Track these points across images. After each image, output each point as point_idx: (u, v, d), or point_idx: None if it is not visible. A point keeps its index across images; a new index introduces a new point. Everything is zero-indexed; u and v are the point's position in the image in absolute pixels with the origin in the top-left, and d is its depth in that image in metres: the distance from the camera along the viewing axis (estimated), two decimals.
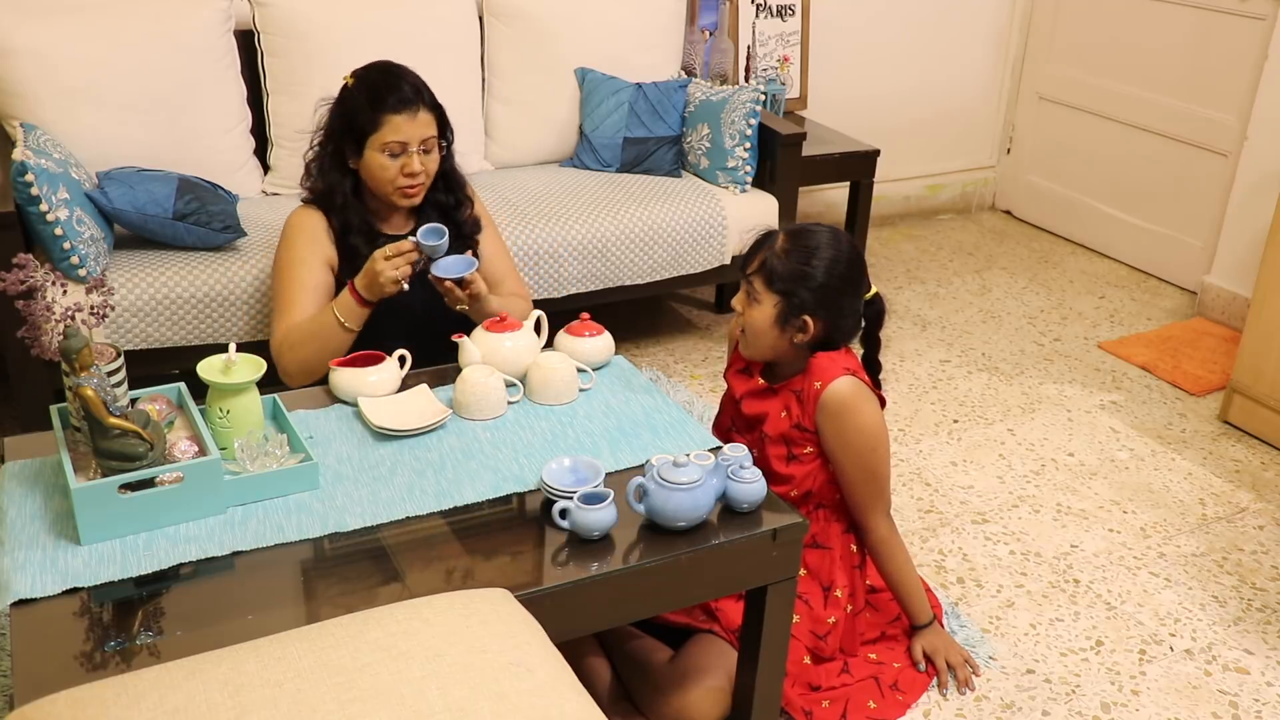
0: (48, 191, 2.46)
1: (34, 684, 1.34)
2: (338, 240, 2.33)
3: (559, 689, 1.25)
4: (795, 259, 1.98)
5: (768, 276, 1.98)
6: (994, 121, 4.81)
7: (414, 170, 2.25)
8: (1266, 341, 3.05)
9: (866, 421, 2.02)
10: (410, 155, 2.24)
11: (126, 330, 2.64)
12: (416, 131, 2.24)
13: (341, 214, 2.32)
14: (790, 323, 2.00)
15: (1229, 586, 2.55)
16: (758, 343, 2.04)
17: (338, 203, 2.32)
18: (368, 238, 2.33)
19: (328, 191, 2.32)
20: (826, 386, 2.01)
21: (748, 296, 2.03)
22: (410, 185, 2.27)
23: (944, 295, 4.03)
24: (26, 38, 2.79)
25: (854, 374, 2.03)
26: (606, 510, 1.66)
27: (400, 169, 2.25)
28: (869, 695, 2.10)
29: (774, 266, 1.98)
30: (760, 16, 3.95)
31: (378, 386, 2.01)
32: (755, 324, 2.01)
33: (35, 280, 1.70)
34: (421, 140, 2.25)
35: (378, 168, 2.25)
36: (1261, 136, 3.68)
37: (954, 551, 2.62)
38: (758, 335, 2.02)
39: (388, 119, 2.22)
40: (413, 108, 2.23)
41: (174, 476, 1.64)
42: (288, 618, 1.50)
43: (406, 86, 2.25)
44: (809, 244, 1.99)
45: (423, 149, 2.26)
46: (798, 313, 1.98)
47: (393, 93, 2.23)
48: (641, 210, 3.20)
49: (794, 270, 1.97)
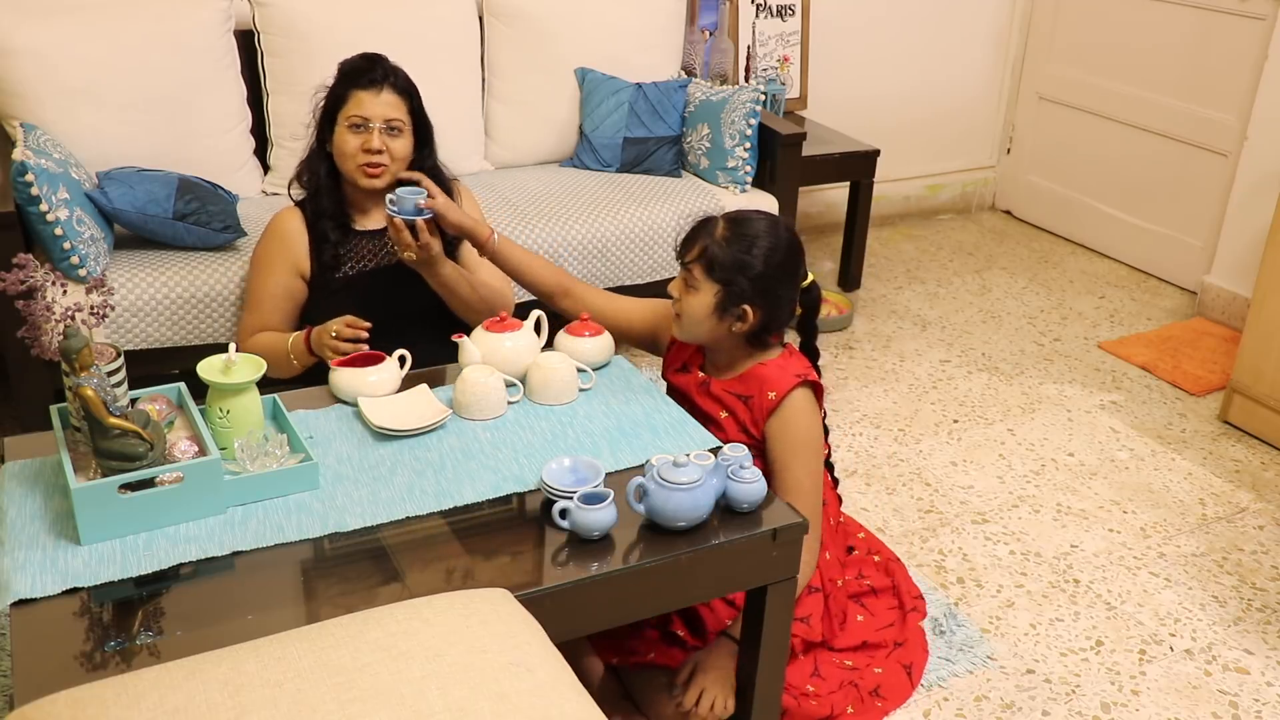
0: (48, 191, 2.46)
1: (34, 684, 1.33)
2: (311, 234, 2.38)
3: (559, 689, 1.25)
4: (736, 248, 1.96)
5: (708, 265, 1.97)
6: (994, 121, 4.81)
7: (373, 147, 2.29)
8: (1266, 341, 3.05)
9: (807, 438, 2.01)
10: (371, 131, 2.29)
11: (126, 330, 2.64)
12: (379, 110, 2.30)
13: (315, 199, 2.38)
14: (729, 311, 1.98)
15: (1229, 586, 2.55)
16: (694, 330, 2.03)
17: (312, 187, 2.38)
18: (339, 224, 2.39)
19: (309, 177, 2.39)
20: (782, 399, 1.99)
21: (685, 284, 2.01)
22: (370, 163, 2.31)
23: (944, 295, 4.03)
24: (26, 38, 2.79)
25: (805, 379, 2.02)
26: (606, 510, 1.66)
27: (361, 145, 2.30)
28: (847, 701, 2.08)
29: (714, 255, 1.96)
30: (760, 16, 3.95)
31: (378, 386, 2.01)
32: (693, 311, 2.00)
33: (35, 280, 1.70)
34: (385, 119, 2.30)
35: (341, 143, 2.32)
36: (1261, 136, 3.68)
37: (954, 551, 2.62)
38: (695, 322, 2.01)
39: (353, 94, 2.31)
40: (377, 86, 2.31)
41: (174, 476, 1.64)
42: (288, 618, 1.49)
43: (378, 69, 2.34)
44: (749, 232, 1.97)
45: (386, 127, 2.31)
46: (737, 302, 1.97)
47: (362, 72, 2.33)
48: (641, 210, 3.20)
49: (734, 259, 1.95)
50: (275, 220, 2.43)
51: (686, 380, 2.14)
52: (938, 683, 2.21)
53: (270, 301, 2.39)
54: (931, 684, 2.20)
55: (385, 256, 2.41)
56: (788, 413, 2.00)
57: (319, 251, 2.38)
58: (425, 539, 1.68)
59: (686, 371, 2.15)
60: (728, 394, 2.05)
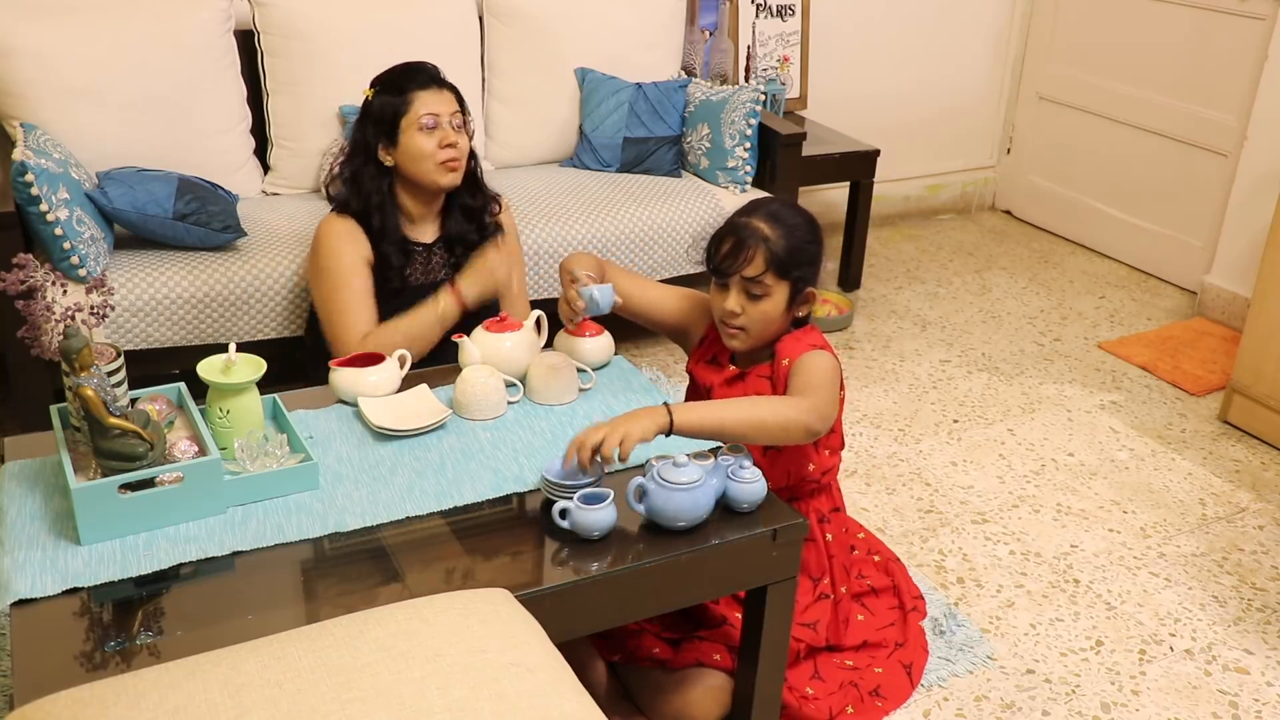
0: (48, 191, 2.46)
1: (34, 684, 1.34)
2: (374, 248, 2.37)
3: (559, 689, 1.25)
4: (793, 240, 1.98)
5: (779, 268, 1.97)
6: (994, 121, 4.81)
7: (453, 140, 2.31)
8: (1266, 341, 3.05)
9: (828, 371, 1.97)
10: (445, 128, 2.30)
11: (126, 330, 2.64)
12: (445, 105, 2.32)
13: (380, 213, 2.36)
14: (798, 301, 2.02)
15: (1229, 586, 2.55)
16: (764, 334, 2.03)
17: (374, 201, 2.35)
18: (400, 246, 2.38)
19: (366, 194, 2.35)
20: (796, 359, 1.99)
21: (748, 295, 1.98)
22: (452, 158, 2.32)
23: (944, 295, 4.03)
24: (26, 38, 2.79)
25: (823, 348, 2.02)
26: (606, 510, 1.66)
27: (439, 142, 2.30)
28: (847, 701, 2.08)
29: (780, 255, 1.97)
30: (760, 16, 3.95)
31: (378, 386, 2.01)
32: (767, 315, 1.99)
33: (35, 280, 1.70)
34: (451, 114, 2.32)
35: (415, 147, 2.31)
36: (1261, 136, 3.68)
37: (954, 551, 2.62)
38: (767, 324, 2.01)
39: (416, 95, 2.31)
40: (437, 85, 2.33)
41: (174, 476, 1.64)
42: (288, 618, 1.50)
43: (427, 68, 2.36)
44: (789, 220, 2.00)
45: (454, 123, 2.32)
46: (805, 288, 2.01)
47: (415, 75, 2.34)
48: (641, 210, 3.20)
49: (799, 250, 1.98)
50: (329, 227, 2.37)
51: (714, 375, 2.12)
52: (938, 683, 2.21)
53: (363, 299, 2.34)
54: (931, 684, 2.20)
55: (432, 271, 2.43)
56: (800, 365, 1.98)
57: (383, 269, 2.37)
58: (425, 539, 1.68)
59: (716, 364, 2.13)
60: (760, 378, 2.06)
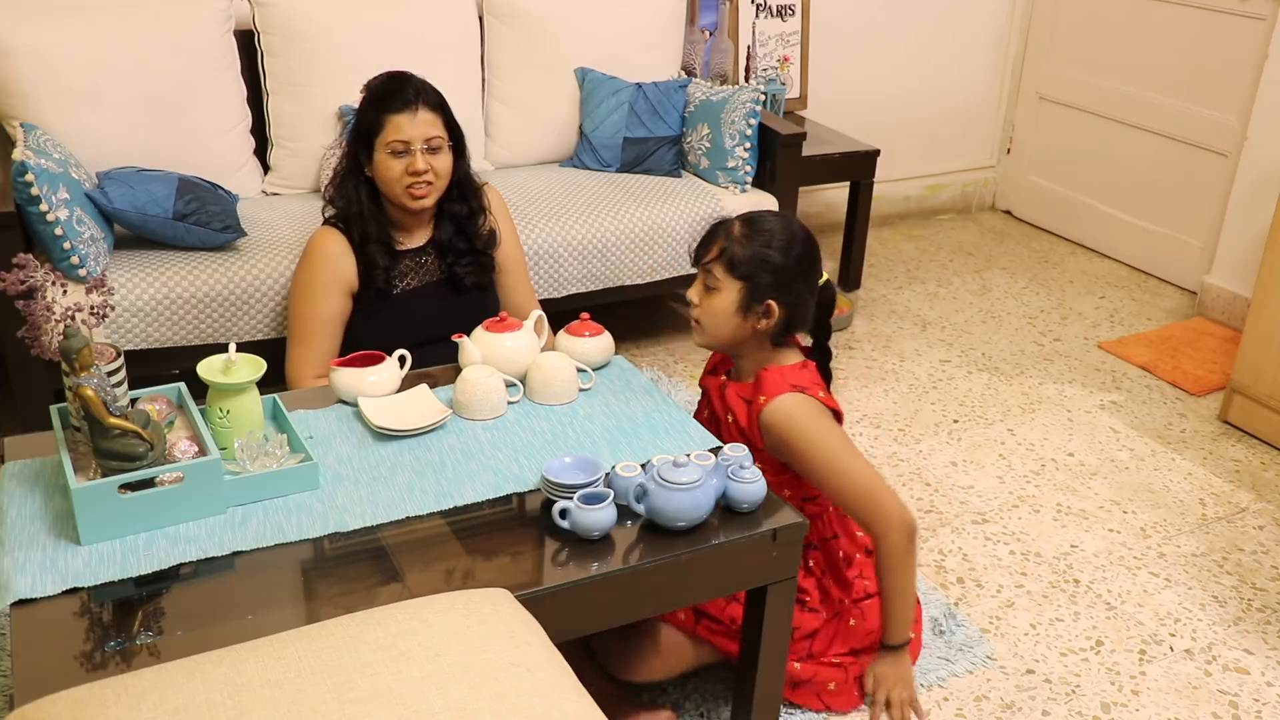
0: (48, 191, 2.46)
1: (34, 684, 1.33)
2: (358, 255, 2.36)
3: (559, 689, 1.25)
4: (755, 243, 1.98)
5: (729, 263, 1.98)
6: (994, 121, 4.81)
7: (418, 169, 2.28)
8: (1266, 341, 3.05)
9: (815, 435, 1.95)
10: (414, 154, 2.28)
11: (126, 330, 2.63)
12: (418, 130, 2.28)
13: (360, 223, 2.35)
14: (753, 309, 1.99)
15: (1229, 586, 2.55)
16: (717, 332, 2.03)
17: (354, 211, 2.35)
18: (385, 249, 2.37)
19: (346, 201, 2.36)
20: (768, 403, 1.97)
21: (705, 287, 2.01)
22: (416, 184, 2.30)
23: (944, 295, 4.03)
24: (26, 38, 2.79)
25: (802, 391, 1.99)
26: (606, 510, 1.66)
27: (405, 168, 2.28)
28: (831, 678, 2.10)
29: (734, 252, 1.98)
30: (760, 16, 3.95)
31: (378, 386, 2.01)
32: (716, 312, 2.00)
33: (35, 280, 1.70)
34: (424, 139, 2.28)
35: (384, 169, 2.30)
36: (1261, 136, 3.68)
37: (954, 551, 2.62)
38: (719, 324, 2.01)
39: (389, 119, 2.28)
40: (412, 108, 2.28)
41: (174, 476, 1.64)
42: (288, 618, 1.50)
43: (408, 89, 2.30)
44: (766, 228, 2.00)
45: (426, 147, 2.29)
46: (760, 298, 1.98)
47: (393, 95, 2.30)
48: (641, 210, 3.20)
49: (755, 254, 1.97)
50: (316, 243, 2.38)
51: (713, 383, 2.15)
52: (938, 683, 2.21)
53: (324, 327, 2.35)
54: (931, 684, 2.20)
55: (426, 274, 2.43)
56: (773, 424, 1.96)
57: (369, 275, 2.36)
58: (425, 539, 1.68)
59: (715, 375, 2.17)
60: (738, 397, 2.06)
